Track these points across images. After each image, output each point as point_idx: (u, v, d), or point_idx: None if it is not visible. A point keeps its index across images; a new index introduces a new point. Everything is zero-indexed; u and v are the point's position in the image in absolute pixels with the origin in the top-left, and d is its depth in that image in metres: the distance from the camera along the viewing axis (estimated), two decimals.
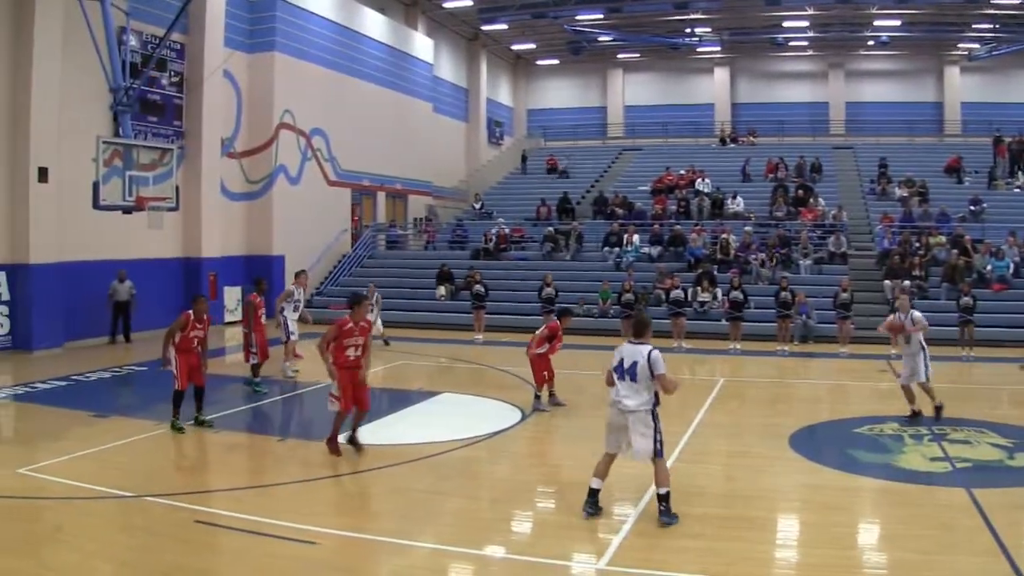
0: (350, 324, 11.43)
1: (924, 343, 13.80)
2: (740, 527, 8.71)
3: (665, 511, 8.72)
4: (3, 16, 21.12)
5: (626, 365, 8.86)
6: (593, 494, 9.00)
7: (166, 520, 9.17)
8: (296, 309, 18.17)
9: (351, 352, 11.47)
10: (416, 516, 9.47)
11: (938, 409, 13.60)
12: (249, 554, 8.23)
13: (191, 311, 13.05)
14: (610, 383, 9.04)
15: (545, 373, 14.81)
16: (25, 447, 12.43)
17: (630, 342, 9.03)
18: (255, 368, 16.38)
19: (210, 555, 8.40)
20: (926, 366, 13.64)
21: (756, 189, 35.52)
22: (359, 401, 11.61)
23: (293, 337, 18.00)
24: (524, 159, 45.16)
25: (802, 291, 23.41)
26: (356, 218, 36.01)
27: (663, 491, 8.75)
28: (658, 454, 8.78)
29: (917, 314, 14.01)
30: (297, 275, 18.60)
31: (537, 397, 14.82)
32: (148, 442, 12.62)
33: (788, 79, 50.47)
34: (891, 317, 14.58)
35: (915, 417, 13.62)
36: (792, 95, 49.73)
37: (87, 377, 16.47)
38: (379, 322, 21.86)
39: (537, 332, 15.08)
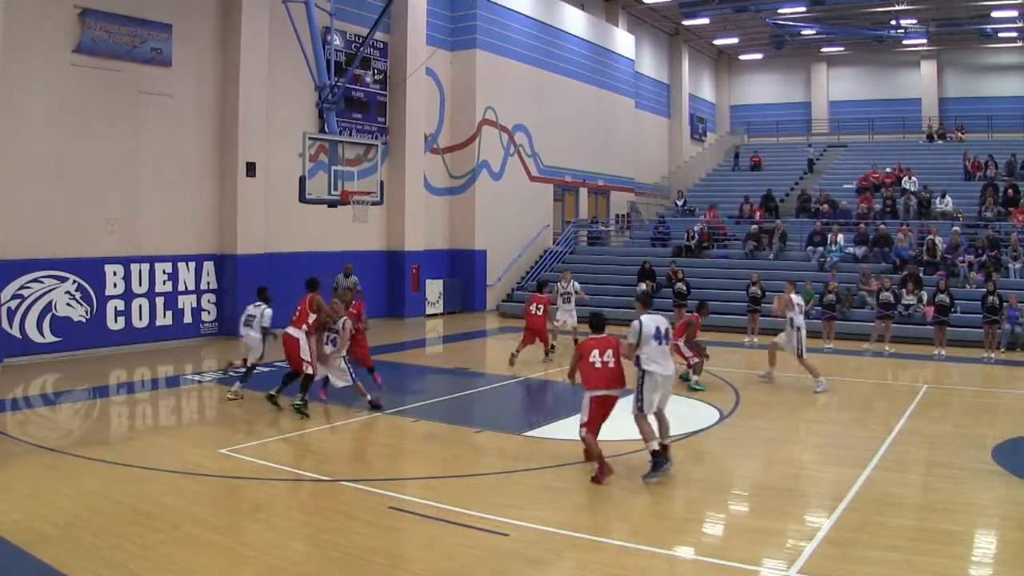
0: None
1: None
2: (937, 541, 8.25)
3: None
4: (212, 17, 22.29)
5: (663, 331, 10.34)
6: (657, 454, 10.01)
7: (360, 504, 9.28)
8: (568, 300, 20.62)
9: None
10: (609, 512, 9.40)
11: None
12: (441, 541, 8.21)
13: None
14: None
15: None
16: (227, 429, 12.87)
17: (648, 315, 10.43)
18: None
19: (402, 540, 8.48)
20: None
21: (965, 188, 33.41)
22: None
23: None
24: (736, 156, 44.29)
25: (1014, 294, 21.82)
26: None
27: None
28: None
29: None
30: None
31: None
32: (346, 429, 12.91)
33: (998, 72, 47.22)
34: None
35: None
36: (1002, 89, 46.42)
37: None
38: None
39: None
